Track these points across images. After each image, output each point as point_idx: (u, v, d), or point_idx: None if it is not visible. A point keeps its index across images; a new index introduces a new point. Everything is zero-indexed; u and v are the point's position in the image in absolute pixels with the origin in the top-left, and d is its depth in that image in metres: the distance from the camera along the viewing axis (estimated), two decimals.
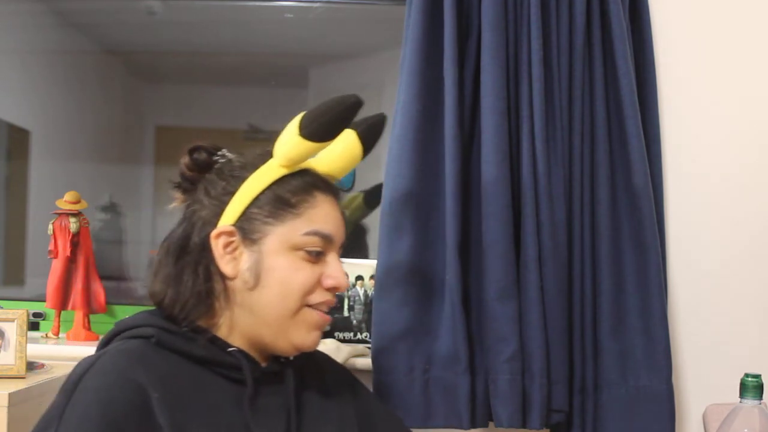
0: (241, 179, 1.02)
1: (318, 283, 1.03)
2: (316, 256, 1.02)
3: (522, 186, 1.41)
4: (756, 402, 1.05)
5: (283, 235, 1.01)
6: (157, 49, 2.42)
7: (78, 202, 1.72)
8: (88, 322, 1.71)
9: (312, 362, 1.11)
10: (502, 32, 1.41)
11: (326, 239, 1.03)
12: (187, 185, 1.06)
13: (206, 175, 1.05)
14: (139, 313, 1.05)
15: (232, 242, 1.00)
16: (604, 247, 1.45)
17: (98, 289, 1.73)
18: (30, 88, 2.38)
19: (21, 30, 2.29)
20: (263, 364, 1.04)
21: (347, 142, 1.11)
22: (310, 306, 1.02)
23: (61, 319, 1.72)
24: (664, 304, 1.43)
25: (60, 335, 1.72)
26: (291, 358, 1.06)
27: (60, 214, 1.70)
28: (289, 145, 1.02)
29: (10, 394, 1.26)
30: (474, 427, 1.40)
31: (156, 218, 2.34)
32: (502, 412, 1.37)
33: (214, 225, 1.01)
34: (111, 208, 2.24)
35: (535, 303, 1.38)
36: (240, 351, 1.01)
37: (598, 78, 1.46)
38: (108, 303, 1.76)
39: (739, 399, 1.06)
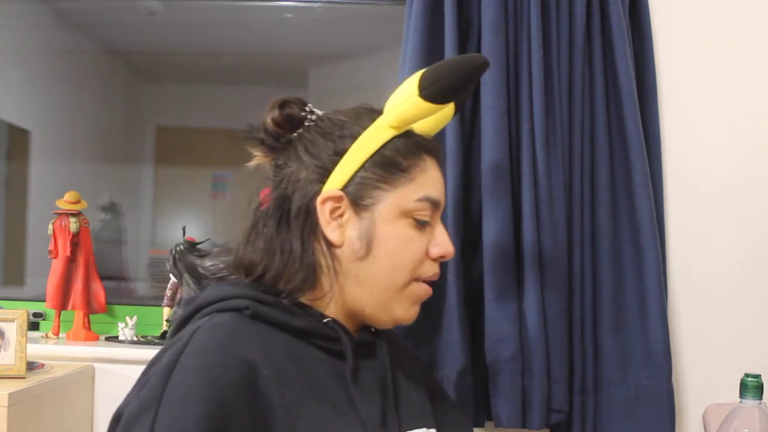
0: (348, 139, 0.94)
1: (426, 254, 0.97)
2: (423, 225, 0.97)
3: (522, 186, 1.41)
4: (756, 402, 1.05)
5: (396, 200, 0.94)
6: (157, 49, 2.42)
7: (78, 202, 1.72)
8: (88, 322, 1.71)
9: (388, 334, 1.05)
10: (502, 32, 1.41)
11: (435, 205, 0.98)
12: (272, 142, 0.97)
13: (302, 132, 0.96)
14: (221, 284, 0.98)
15: (338, 207, 0.93)
16: (604, 247, 1.45)
17: (98, 289, 1.73)
18: (30, 88, 2.39)
19: (21, 30, 2.29)
20: (355, 336, 0.98)
21: None
22: (418, 280, 0.97)
23: (61, 319, 1.72)
24: (664, 304, 1.43)
25: (60, 335, 1.72)
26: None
27: (60, 214, 1.70)
28: (407, 105, 0.94)
29: (10, 394, 1.26)
30: (475, 427, 1.40)
31: (156, 218, 2.34)
32: (502, 411, 1.37)
33: (319, 188, 0.93)
34: (111, 208, 2.24)
35: (535, 303, 1.38)
36: (335, 321, 0.95)
37: (598, 78, 1.46)
38: (108, 303, 1.76)
39: (739, 399, 1.06)
